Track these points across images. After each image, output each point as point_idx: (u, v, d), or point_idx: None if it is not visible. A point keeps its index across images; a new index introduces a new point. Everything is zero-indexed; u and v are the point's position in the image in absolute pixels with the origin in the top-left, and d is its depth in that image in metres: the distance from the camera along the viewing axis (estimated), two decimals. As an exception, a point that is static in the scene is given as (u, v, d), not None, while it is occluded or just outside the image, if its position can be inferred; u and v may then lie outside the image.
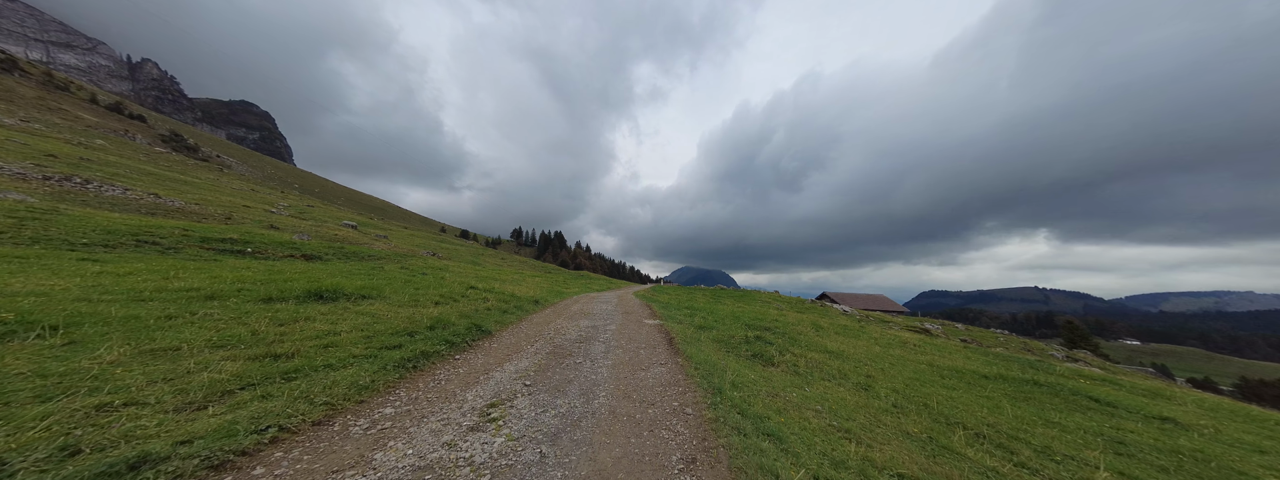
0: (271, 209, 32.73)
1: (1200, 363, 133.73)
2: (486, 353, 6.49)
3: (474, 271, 20.01)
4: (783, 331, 11.16)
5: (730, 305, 17.94)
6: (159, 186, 26.90)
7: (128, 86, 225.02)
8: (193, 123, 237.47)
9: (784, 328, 11.94)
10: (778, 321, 12.88)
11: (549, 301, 13.46)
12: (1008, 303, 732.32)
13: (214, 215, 22.07)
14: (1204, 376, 72.13)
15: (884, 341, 13.03)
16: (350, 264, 13.30)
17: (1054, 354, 26.85)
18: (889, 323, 20.15)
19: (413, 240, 45.23)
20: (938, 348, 13.55)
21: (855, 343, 11.60)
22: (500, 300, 10.70)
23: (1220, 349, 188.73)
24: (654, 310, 13.17)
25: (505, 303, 10.60)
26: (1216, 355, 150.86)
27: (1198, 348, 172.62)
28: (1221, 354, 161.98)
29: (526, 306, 11.04)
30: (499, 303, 10.29)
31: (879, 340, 12.97)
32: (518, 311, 10.01)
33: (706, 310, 14.59)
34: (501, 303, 10.40)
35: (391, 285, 9.80)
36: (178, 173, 38.01)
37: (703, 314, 13.28)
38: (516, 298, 11.99)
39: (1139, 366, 41.65)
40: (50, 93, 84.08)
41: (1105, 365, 23.94)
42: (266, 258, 11.78)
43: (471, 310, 8.62)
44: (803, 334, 11.33)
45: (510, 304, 10.62)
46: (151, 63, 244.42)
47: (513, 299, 11.58)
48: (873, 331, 15.29)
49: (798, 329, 12.10)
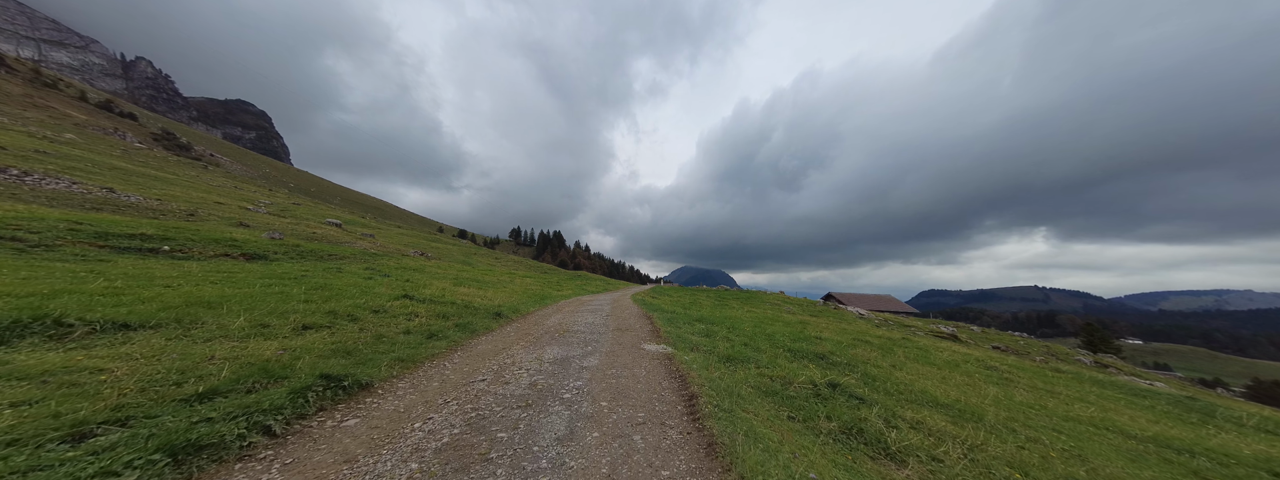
0: (249, 206, 31.00)
1: (1204, 362, 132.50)
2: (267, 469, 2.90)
3: (456, 272, 18.30)
4: (846, 362, 8.07)
5: (740, 310, 16.21)
6: (122, 182, 25.15)
7: (121, 85, 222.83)
8: (188, 122, 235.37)
9: (843, 354, 8.69)
10: (828, 343, 9.89)
11: (522, 311, 10.86)
12: (1007, 302, 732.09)
13: (175, 212, 20.34)
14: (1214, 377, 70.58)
15: (968, 368, 10.03)
16: (289, 265, 11.05)
17: (1080, 359, 25.28)
18: (911, 326, 18.54)
19: (402, 239, 43.51)
20: (1038, 375, 10.89)
21: (946, 377, 8.65)
22: (441, 315, 8.07)
23: (1223, 348, 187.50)
24: (655, 324, 9.92)
25: (448, 318, 7.94)
26: (1220, 355, 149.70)
27: (1201, 347, 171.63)
28: (1225, 353, 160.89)
29: (479, 323, 8.15)
30: (434, 319, 7.59)
31: (961, 367, 10.12)
32: (458, 333, 7.06)
33: (721, 322, 11.78)
34: (439, 319, 7.73)
35: (266, 297, 7.00)
36: (153, 169, 36.24)
37: (721, 330, 10.26)
38: (473, 308, 9.34)
39: (1159, 369, 39.79)
40: (37, 90, 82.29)
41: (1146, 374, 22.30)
42: (187, 257, 10.03)
43: (359, 340, 5.64)
44: (876, 367, 8.17)
45: (455, 320, 7.91)
46: (145, 61, 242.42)
47: (466, 310, 8.96)
48: (928, 347, 12.60)
49: (859, 355, 9.05)
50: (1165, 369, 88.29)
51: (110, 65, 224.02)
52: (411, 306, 8.18)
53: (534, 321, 9.65)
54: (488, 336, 7.47)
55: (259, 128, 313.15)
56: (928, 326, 19.50)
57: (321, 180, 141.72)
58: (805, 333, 11.40)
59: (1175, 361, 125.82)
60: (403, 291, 9.42)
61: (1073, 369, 12.25)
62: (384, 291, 9.15)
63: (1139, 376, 15.61)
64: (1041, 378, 10.71)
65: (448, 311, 8.48)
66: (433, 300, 9.20)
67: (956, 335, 17.01)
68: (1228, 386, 59.66)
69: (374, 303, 7.86)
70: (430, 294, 9.90)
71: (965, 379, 8.92)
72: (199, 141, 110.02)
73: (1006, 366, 11.50)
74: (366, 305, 7.58)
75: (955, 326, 32.07)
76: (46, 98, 76.29)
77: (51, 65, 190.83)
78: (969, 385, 8.33)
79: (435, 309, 8.38)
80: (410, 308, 8.05)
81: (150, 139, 76.73)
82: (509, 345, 6.93)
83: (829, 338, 10.93)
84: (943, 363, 10.34)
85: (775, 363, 7.28)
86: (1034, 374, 11.12)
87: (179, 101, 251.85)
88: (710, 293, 26.58)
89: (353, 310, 7.07)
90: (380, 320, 6.90)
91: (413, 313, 7.72)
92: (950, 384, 8.10)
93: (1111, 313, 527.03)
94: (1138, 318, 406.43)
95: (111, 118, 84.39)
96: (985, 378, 9.52)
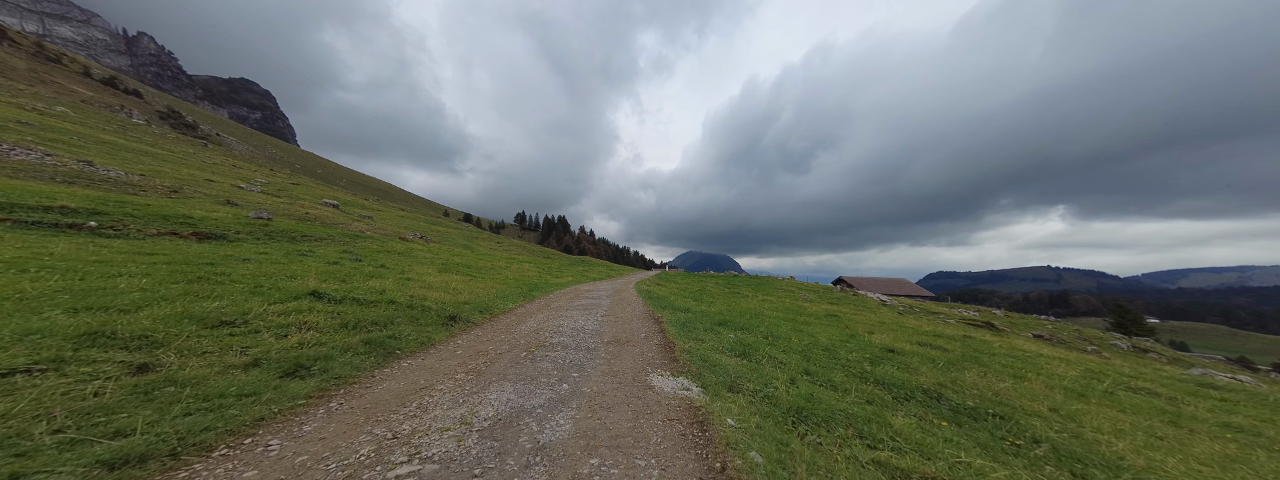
0: (242, 185, 30.05)
1: (1224, 340, 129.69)
2: None
3: (448, 258, 17.20)
4: (986, 408, 5.36)
5: (755, 299, 14.88)
6: (108, 156, 24.18)
7: (126, 61, 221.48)
8: (194, 100, 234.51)
9: (950, 382, 6.26)
10: (916, 362, 7.27)
11: (496, 310, 8.70)
12: (1018, 282, 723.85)
13: (158, 187, 19.35)
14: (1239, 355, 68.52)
15: (1133, 402, 6.98)
16: (247, 247, 9.70)
17: (1116, 343, 23.83)
18: (939, 313, 17.22)
19: (403, 222, 42.64)
20: (1168, 385, 8.41)
21: (1136, 425, 5.76)
22: (350, 325, 5.51)
23: (1244, 325, 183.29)
24: (666, 334, 7.26)
25: (359, 330, 5.44)
26: (1240, 332, 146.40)
27: (1221, 324, 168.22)
28: (1246, 330, 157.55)
29: (412, 336, 5.71)
30: (333, 334, 5.09)
31: (1118, 398, 7.14)
32: (359, 360, 4.61)
33: (750, 323, 9.08)
34: (341, 333, 5.19)
35: (98, 293, 4.96)
36: (147, 145, 35.29)
37: (757, 341, 7.35)
38: (422, 309, 6.99)
39: (1175, 348, 37.67)
40: (42, 64, 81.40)
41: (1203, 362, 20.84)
42: (118, 235, 8.86)
43: (116, 397, 3.04)
44: (1045, 419, 5.40)
45: (369, 333, 5.36)
46: (148, 37, 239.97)
47: (407, 314, 6.57)
48: (1025, 354, 10.08)
49: (971, 382, 6.45)
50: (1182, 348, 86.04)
51: (113, 41, 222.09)
52: (307, 314, 5.50)
53: (503, 327, 7.27)
54: (411, 363, 4.92)
55: (264, 107, 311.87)
56: (954, 312, 18.18)
57: (327, 162, 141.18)
58: (862, 338, 8.83)
59: (1193, 340, 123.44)
60: (316, 288, 6.79)
61: (1174, 372, 10.48)
62: (294, 286, 6.75)
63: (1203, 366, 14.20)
64: (1165, 385, 8.16)
65: (370, 318, 5.88)
66: (358, 300, 6.65)
67: (992, 323, 15.68)
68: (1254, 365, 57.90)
69: (246, 307, 5.29)
70: (363, 291, 7.34)
71: (1153, 423, 5.70)
72: (205, 121, 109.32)
73: (1127, 376, 8.55)
74: (233, 310, 5.05)
75: (976, 309, 30.69)
76: (51, 73, 75.47)
77: (55, 40, 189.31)
78: (1179, 441, 5.24)
79: (349, 315, 5.81)
80: (303, 315, 5.40)
81: (156, 117, 75.95)
82: (432, 383, 4.30)
83: (905, 349, 8.24)
84: (1090, 390, 7.13)
85: (881, 420, 4.25)
86: (1161, 383, 8.33)
87: (183, 79, 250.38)
88: (718, 279, 25.38)
89: (188, 321, 4.52)
90: (222, 342, 4.24)
91: (303, 323, 5.12)
92: (1162, 444, 5.06)
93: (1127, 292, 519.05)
94: (1155, 296, 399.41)
95: (117, 95, 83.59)
96: (1156, 413, 6.51)
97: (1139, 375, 9.23)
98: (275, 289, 6.51)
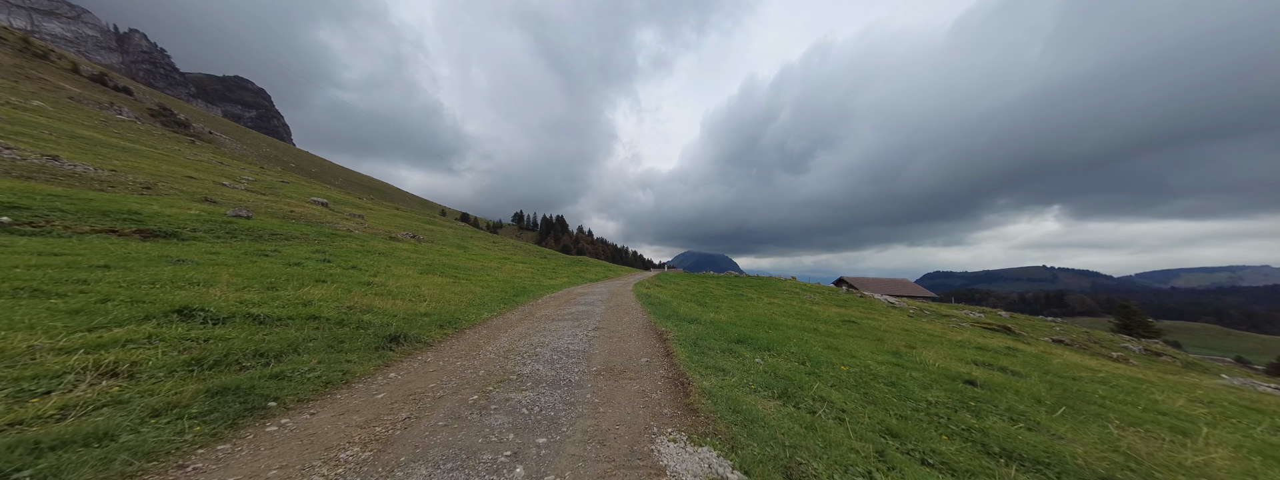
0: (227, 182, 29.02)
1: (1216, 339, 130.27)
2: None
3: (434, 258, 16.31)
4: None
5: (762, 303, 14.02)
6: (80, 151, 23.12)
7: (117, 59, 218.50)
8: (187, 98, 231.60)
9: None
10: (1010, 400, 5.57)
11: (464, 322, 7.30)
12: (1014, 282, 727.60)
13: (129, 184, 18.37)
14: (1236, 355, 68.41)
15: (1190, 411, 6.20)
16: (199, 246, 8.82)
17: (1127, 345, 23.20)
18: (951, 316, 16.48)
19: (396, 221, 41.63)
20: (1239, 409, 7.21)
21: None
22: (216, 363, 3.88)
23: (1237, 324, 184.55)
24: (675, 360, 5.59)
25: (228, 367, 3.90)
26: (1233, 331, 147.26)
27: (1213, 324, 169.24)
28: (1238, 329, 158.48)
29: (309, 376, 4.04)
30: (167, 388, 3.29)
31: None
32: (198, 422, 2.96)
33: (777, 339, 7.50)
34: (184, 379, 3.50)
35: None
36: (128, 141, 34.16)
37: (791, 369, 5.69)
38: (354, 326, 5.59)
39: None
40: (29, 60, 79.61)
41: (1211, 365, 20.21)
42: (39, 231, 7.85)
43: None
44: None
45: (235, 373, 3.81)
46: (140, 33, 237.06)
47: (346, 328, 5.46)
48: (1084, 372, 8.56)
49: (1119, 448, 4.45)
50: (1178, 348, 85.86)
51: (104, 37, 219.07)
52: (136, 348, 3.83)
53: (464, 349, 5.70)
54: (279, 427, 3.17)
55: (259, 106, 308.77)
56: (964, 315, 17.45)
57: (323, 161, 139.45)
58: (909, 357, 7.40)
59: (1187, 340, 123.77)
60: (189, 303, 5.06)
61: (1219, 384, 9.52)
62: (160, 299, 5.15)
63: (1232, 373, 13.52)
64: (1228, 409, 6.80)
65: (261, 346, 4.29)
66: (259, 318, 5.07)
67: (1008, 327, 14.95)
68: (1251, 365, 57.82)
69: (37, 340, 3.65)
70: (280, 303, 5.86)
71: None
72: (198, 119, 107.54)
73: (1228, 403, 6.99)
74: (9, 346, 3.44)
75: (982, 311, 30.04)
76: (38, 69, 73.80)
77: (45, 36, 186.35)
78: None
79: (221, 345, 4.16)
80: (128, 351, 3.72)
81: (146, 114, 74.41)
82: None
83: (977, 376, 6.68)
84: (1259, 441, 5.38)
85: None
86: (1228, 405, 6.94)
87: (176, 77, 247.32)
88: (720, 280, 24.61)
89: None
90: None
91: (113, 366, 3.43)
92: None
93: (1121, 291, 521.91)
94: (1148, 296, 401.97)
95: (106, 91, 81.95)
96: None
97: (1217, 400, 7.59)
98: (132, 302, 4.84)
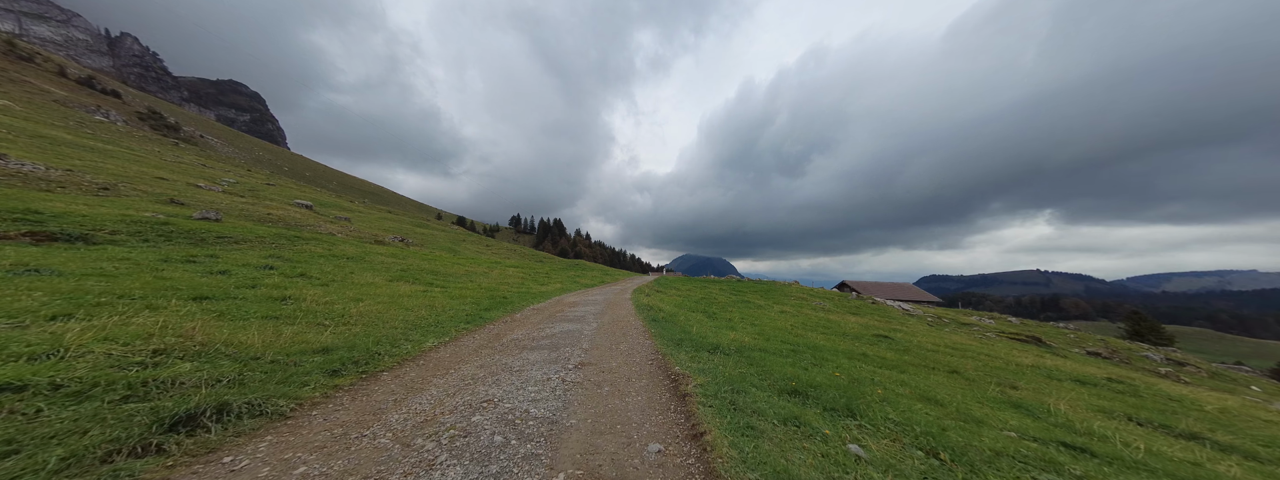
0: (202, 184, 27.63)
1: (1210, 343, 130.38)
2: None
3: (412, 263, 15.04)
4: None
5: (772, 311, 12.79)
6: (38, 151, 21.74)
7: (108, 62, 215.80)
8: (180, 102, 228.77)
9: None
10: None
11: (393, 356, 4.79)
12: (1009, 286, 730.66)
13: (83, 184, 17.01)
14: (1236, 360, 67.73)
15: None
16: (114, 250, 7.38)
17: (1148, 354, 22.14)
18: (971, 324, 15.37)
19: (384, 224, 40.26)
20: None
21: None
22: None
23: (1229, 328, 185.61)
24: (707, 447, 2.98)
25: None
26: (1226, 335, 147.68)
27: (1207, 328, 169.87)
28: (1231, 334, 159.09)
29: None
30: None
31: None
32: None
33: (859, 402, 4.22)
34: None
35: None
36: (100, 142, 32.72)
37: (912, 465, 3.04)
38: (167, 386, 3.01)
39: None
40: (13, 63, 77.74)
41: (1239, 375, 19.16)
42: None
43: None
44: None
45: None
46: (131, 37, 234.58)
47: (133, 390, 2.88)
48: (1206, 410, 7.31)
49: None
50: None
51: (95, 41, 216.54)
52: None
53: (324, 438, 2.91)
54: None
55: (253, 110, 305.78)
56: (985, 323, 16.36)
57: (317, 164, 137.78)
58: (1035, 408, 5.50)
59: (1182, 344, 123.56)
60: None
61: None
62: None
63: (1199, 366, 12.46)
64: None
65: None
66: None
67: (1038, 338, 13.84)
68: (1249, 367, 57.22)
69: None
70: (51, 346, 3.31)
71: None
72: (189, 122, 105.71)
73: None
74: None
75: (992, 317, 28.99)
76: (23, 72, 72.01)
77: (33, 40, 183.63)
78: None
79: None
80: None
81: (135, 117, 72.74)
82: None
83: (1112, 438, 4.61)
84: None
85: None
86: None
87: (169, 81, 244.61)
88: (723, 285, 23.46)
89: None
90: None
91: None
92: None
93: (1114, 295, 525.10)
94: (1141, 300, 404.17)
95: (93, 95, 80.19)
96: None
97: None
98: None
